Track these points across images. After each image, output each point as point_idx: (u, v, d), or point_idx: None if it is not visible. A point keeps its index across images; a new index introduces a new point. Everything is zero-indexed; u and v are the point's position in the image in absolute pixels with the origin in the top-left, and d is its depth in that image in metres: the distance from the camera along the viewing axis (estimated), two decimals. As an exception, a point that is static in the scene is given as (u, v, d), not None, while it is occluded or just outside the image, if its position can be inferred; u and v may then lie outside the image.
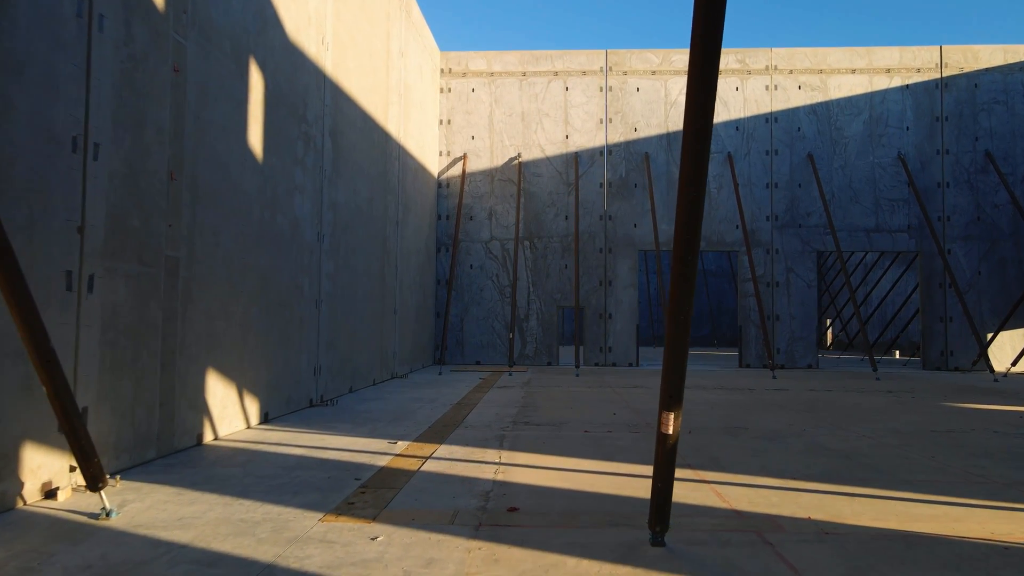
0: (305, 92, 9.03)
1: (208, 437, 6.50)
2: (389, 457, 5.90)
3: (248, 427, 7.37)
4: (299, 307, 8.85)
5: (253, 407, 7.50)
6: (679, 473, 5.28)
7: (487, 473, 5.33)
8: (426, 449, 6.30)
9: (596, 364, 18.65)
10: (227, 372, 6.86)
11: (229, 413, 6.93)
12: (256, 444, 6.44)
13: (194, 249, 6.22)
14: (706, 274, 34.73)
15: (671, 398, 3.17)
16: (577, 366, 15.59)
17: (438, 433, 7.20)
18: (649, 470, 5.36)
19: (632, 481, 5.11)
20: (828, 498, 4.64)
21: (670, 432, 3.20)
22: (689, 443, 6.69)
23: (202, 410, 6.38)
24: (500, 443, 6.64)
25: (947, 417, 8.78)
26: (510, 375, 15.18)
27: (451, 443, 6.62)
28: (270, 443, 6.51)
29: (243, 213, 7.21)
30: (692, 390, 12.03)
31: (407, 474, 5.27)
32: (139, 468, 5.33)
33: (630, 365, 18.60)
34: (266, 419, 7.82)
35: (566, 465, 5.65)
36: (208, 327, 6.48)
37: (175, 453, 5.89)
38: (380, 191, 12.98)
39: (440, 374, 15.36)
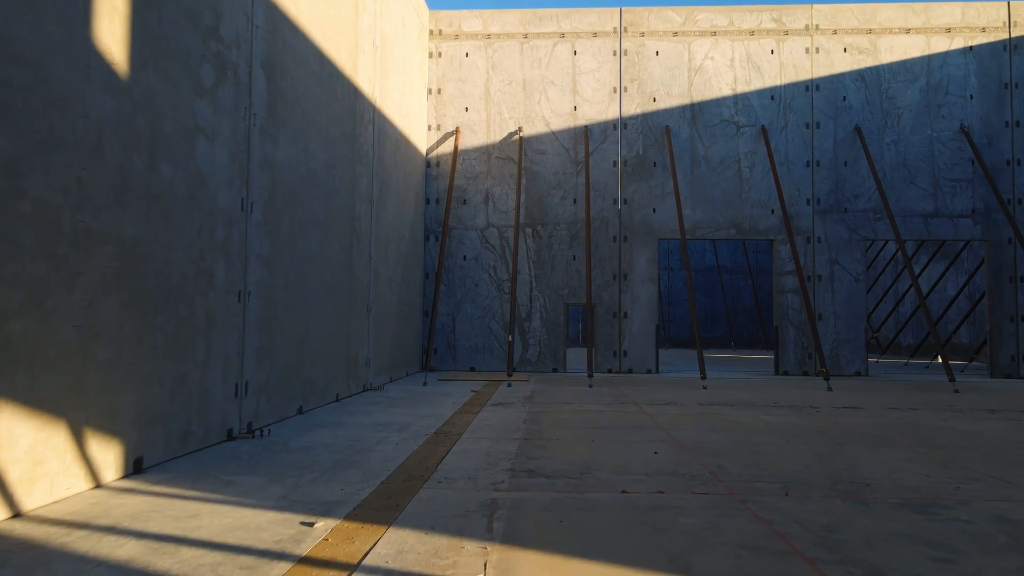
0: (217, -4, 6.39)
1: (-5, 516, 3.86)
2: (283, 568, 3.26)
3: (97, 486, 4.73)
4: (206, 300, 6.21)
5: (109, 454, 4.86)
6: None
7: (457, 623, 2.69)
8: (359, 541, 3.66)
9: (609, 371, 16.01)
10: (44, 403, 4.22)
11: (51, 469, 4.29)
12: (71, 530, 3.79)
13: (-45, 195, 3.57)
14: (721, 270, 32.11)
15: None
16: (590, 376, 12.95)
17: (391, 499, 4.54)
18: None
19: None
20: None
21: None
22: (797, 518, 4.06)
23: (-22, 473, 3.74)
24: (487, 524, 3.99)
25: None
26: (509, 386, 12.54)
27: (406, 524, 3.97)
28: (98, 527, 3.86)
29: (84, 150, 4.56)
30: (740, 408, 9.39)
31: (295, 628, 2.63)
32: None
33: (648, 372, 15.96)
34: (138, 468, 5.18)
35: (608, 590, 3.01)
36: (-4, 330, 3.83)
37: None
38: (346, 159, 10.35)
39: (425, 384, 12.72)
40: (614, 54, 16.75)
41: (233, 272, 6.72)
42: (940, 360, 21.49)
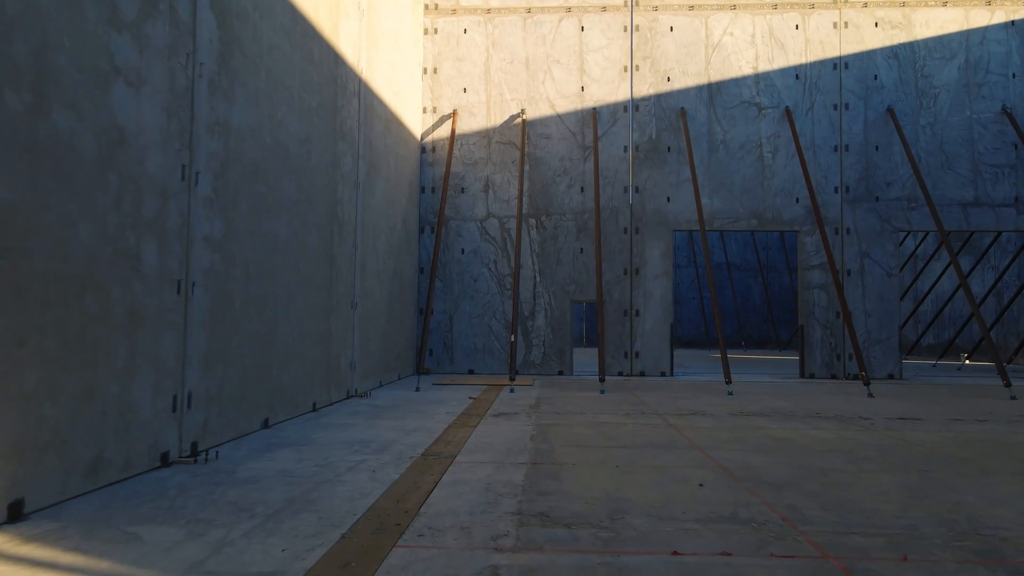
0: (145, -92, 5.06)
1: None
2: None
3: (-59, 546, 3.41)
4: (129, 291, 4.88)
5: (-35, 498, 3.54)
6: None
7: None
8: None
9: (620, 373, 14.68)
10: None
11: None
12: None
13: None
14: (730, 267, 30.78)
15: None
16: (602, 380, 11.63)
17: (349, 568, 3.20)
18: None
19: None
20: None
21: None
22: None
23: None
24: (487, 620, 2.68)
25: None
26: (512, 391, 11.22)
27: (363, 621, 2.65)
28: None
29: (-82, 75, 3.24)
30: (779, 420, 8.06)
31: None
32: None
33: (663, 375, 14.64)
34: (15, 515, 3.85)
35: None
36: None
37: None
38: (325, 133, 9.02)
39: (418, 390, 11.39)
40: (625, 30, 15.42)
41: (170, 257, 5.40)
42: (969, 362, 20.15)
